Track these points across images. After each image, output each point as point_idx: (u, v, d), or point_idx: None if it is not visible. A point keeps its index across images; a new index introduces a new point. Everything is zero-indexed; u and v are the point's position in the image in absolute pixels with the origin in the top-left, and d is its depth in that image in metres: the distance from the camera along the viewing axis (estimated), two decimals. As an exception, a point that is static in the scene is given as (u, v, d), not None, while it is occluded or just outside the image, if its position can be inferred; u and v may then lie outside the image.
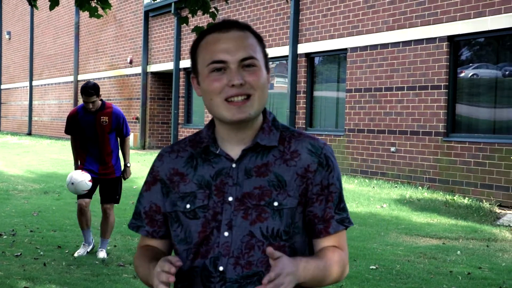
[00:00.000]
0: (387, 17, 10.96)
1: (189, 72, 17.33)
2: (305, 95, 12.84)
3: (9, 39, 30.55)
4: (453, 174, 9.73)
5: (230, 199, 1.52)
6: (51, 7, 5.53)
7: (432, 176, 10.10)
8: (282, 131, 1.60)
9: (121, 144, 6.06)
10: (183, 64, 17.18)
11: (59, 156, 15.94)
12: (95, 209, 8.62)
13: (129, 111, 19.70)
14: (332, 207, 1.57)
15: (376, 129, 11.15)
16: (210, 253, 1.52)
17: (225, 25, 1.54)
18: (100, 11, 12.56)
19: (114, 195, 5.95)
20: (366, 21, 11.39)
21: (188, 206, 1.55)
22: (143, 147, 19.03)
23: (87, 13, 6.26)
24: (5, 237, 6.66)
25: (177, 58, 17.32)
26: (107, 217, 5.92)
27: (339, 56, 12.35)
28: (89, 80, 9.96)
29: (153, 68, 18.74)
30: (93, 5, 5.90)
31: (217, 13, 6.01)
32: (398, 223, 7.77)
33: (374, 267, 5.61)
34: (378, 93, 11.12)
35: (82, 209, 5.85)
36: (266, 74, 1.55)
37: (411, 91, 10.48)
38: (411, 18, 10.52)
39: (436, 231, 7.36)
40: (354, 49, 11.61)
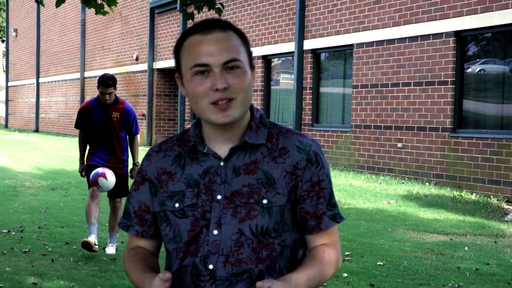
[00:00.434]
0: (393, 12, 10.93)
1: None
2: (311, 91, 12.83)
3: (16, 36, 30.64)
4: (461, 170, 9.70)
5: (219, 197, 1.53)
6: (57, 4, 5.53)
7: (439, 172, 10.07)
8: (270, 128, 1.60)
9: (130, 142, 6.07)
10: (189, 61, 17.17)
11: (67, 153, 15.99)
12: (101, 205, 8.65)
13: (135, 108, 19.73)
14: (323, 203, 1.58)
15: (382, 125, 11.12)
16: (200, 251, 1.53)
17: (207, 26, 1.52)
18: (106, 8, 12.57)
19: (122, 189, 5.96)
20: (372, 17, 11.35)
21: (177, 205, 1.56)
22: (149, 143, 19.06)
23: (93, 10, 6.27)
24: (13, 233, 6.69)
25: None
26: (115, 212, 5.92)
27: (345, 52, 12.32)
28: (95, 76, 9.97)
29: (159, 64, 18.76)
30: (99, 2, 5.91)
31: (223, 9, 6.00)
32: (405, 219, 7.75)
33: (381, 263, 5.61)
34: (384, 89, 11.09)
35: (93, 198, 5.78)
36: (250, 74, 1.55)
37: (417, 87, 10.45)
38: (417, 14, 10.47)
39: (443, 227, 7.34)
40: (360, 44, 11.57)
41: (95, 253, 5.77)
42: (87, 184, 5.99)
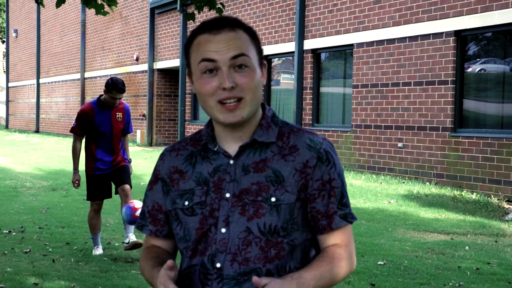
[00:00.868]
0: (394, 12, 10.93)
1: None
2: (311, 91, 12.83)
3: (16, 37, 30.65)
4: (461, 169, 9.70)
5: (228, 195, 1.52)
6: (58, 5, 5.53)
7: (439, 172, 10.07)
8: (281, 127, 1.59)
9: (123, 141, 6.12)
10: (189, 61, 17.17)
11: (67, 154, 15.99)
12: (104, 206, 8.64)
13: (136, 108, 19.74)
14: (334, 203, 1.55)
15: (383, 124, 11.12)
16: (208, 250, 1.52)
17: (216, 25, 1.52)
18: (106, 8, 12.58)
19: (129, 178, 5.97)
20: (372, 17, 11.35)
21: (186, 203, 1.56)
22: (150, 144, 19.06)
23: (93, 10, 6.28)
24: (14, 234, 6.69)
25: (183, 54, 17.31)
26: (128, 199, 5.87)
27: (345, 52, 12.32)
28: (96, 76, 9.96)
29: (159, 65, 18.76)
30: (99, 2, 5.91)
31: (223, 9, 6.00)
32: (405, 219, 7.75)
33: (382, 263, 5.61)
34: (384, 88, 11.09)
35: (96, 211, 5.88)
36: (259, 72, 1.54)
37: (418, 87, 10.45)
38: (417, 13, 10.47)
39: (444, 226, 7.34)
40: (361, 44, 11.57)
41: (95, 254, 5.80)
42: (86, 189, 6.04)
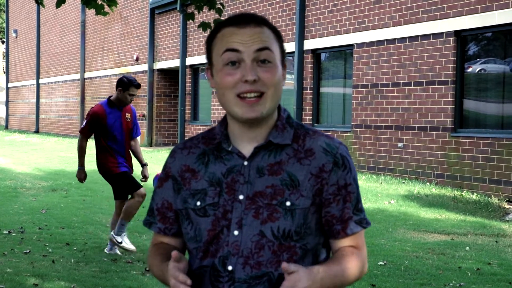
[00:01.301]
0: (394, 12, 10.92)
1: (195, 69, 17.34)
2: (311, 91, 12.82)
3: (16, 37, 30.65)
4: (461, 169, 9.69)
5: (241, 197, 1.50)
6: (58, 5, 5.53)
7: (440, 172, 10.07)
8: (297, 129, 1.57)
9: (133, 144, 6.07)
10: (189, 61, 17.18)
11: (67, 154, 15.99)
12: (102, 206, 8.65)
13: (136, 108, 19.71)
14: (350, 208, 1.54)
15: (383, 124, 11.12)
16: (220, 252, 1.50)
17: (242, 19, 1.51)
18: (106, 8, 12.57)
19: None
20: (372, 17, 11.35)
21: (198, 203, 1.53)
22: (150, 144, 19.06)
23: (93, 11, 6.28)
24: (13, 234, 6.69)
25: (183, 55, 17.32)
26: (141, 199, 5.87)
27: (345, 52, 12.31)
28: (96, 76, 9.95)
29: (159, 65, 18.75)
30: (99, 2, 5.90)
31: (223, 8, 5.99)
32: (406, 219, 7.75)
33: (383, 263, 5.60)
34: (385, 88, 11.08)
35: (118, 209, 5.90)
36: (281, 70, 1.53)
37: (418, 87, 10.44)
38: (417, 13, 10.47)
39: (444, 227, 7.33)
40: (361, 44, 11.57)
41: (95, 253, 5.79)
42: (113, 191, 6.00)
